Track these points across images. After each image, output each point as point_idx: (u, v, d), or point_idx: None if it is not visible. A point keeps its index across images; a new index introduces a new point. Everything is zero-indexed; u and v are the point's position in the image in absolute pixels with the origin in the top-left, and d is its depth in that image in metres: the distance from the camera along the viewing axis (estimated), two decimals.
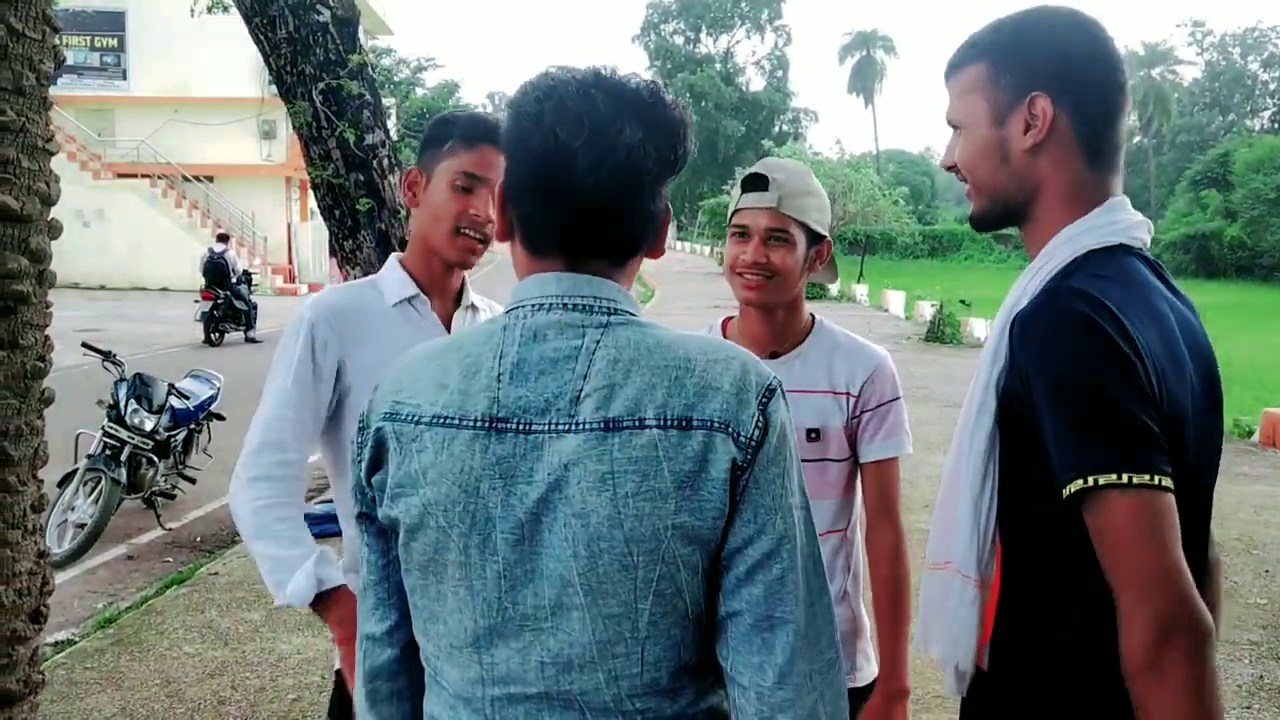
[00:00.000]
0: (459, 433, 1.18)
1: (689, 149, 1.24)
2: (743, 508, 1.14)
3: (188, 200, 30.14)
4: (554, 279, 1.21)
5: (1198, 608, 1.16)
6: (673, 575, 1.13)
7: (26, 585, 2.37)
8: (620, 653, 1.15)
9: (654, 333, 1.20)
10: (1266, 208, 40.50)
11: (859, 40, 79.00)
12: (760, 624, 1.14)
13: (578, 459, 1.13)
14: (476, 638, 1.19)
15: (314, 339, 2.05)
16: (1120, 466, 1.16)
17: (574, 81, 1.19)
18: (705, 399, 1.14)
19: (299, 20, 6.52)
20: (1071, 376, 1.20)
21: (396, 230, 6.79)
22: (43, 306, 2.41)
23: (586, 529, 1.13)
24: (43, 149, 2.37)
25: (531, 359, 1.18)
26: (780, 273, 2.06)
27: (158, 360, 12.73)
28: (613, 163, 1.16)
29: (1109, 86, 1.38)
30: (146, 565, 6.59)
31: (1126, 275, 1.31)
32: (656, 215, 1.24)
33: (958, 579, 1.38)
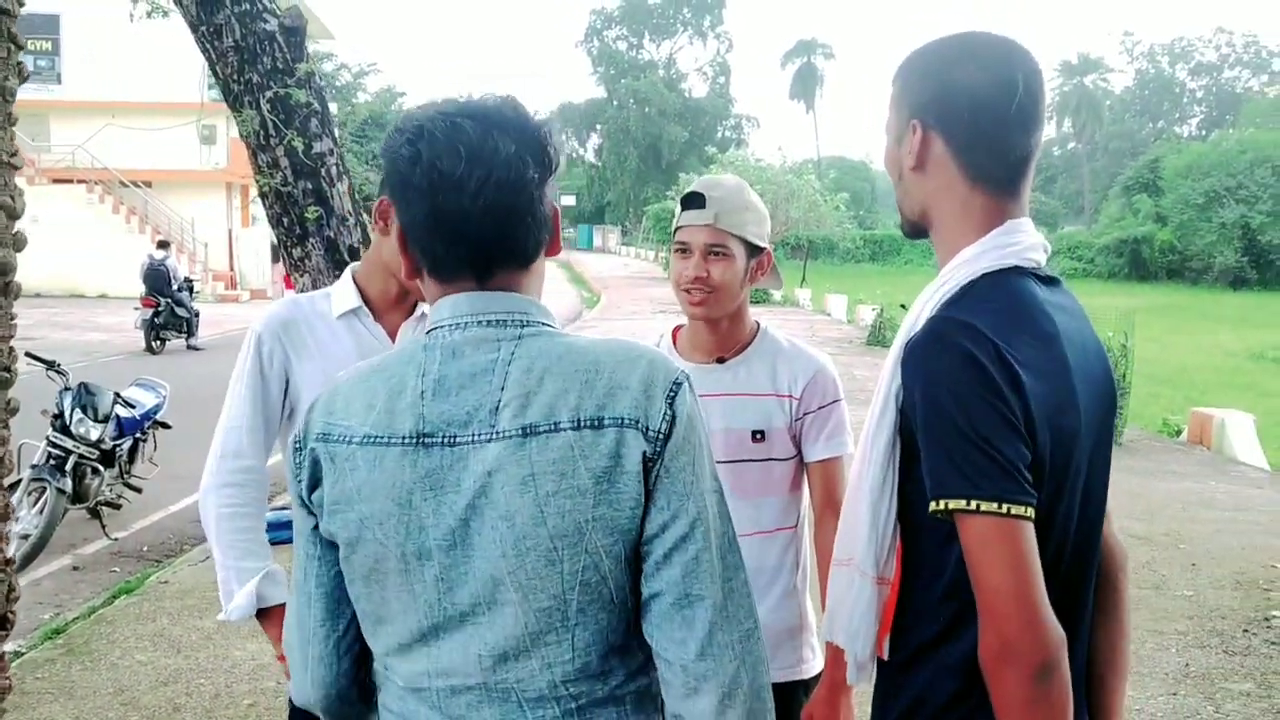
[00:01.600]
0: (388, 449, 1.26)
1: (558, 148, 1.33)
2: (656, 496, 1.24)
3: (125, 206, 29.63)
4: (466, 299, 1.30)
5: (1039, 632, 1.25)
6: (597, 564, 1.23)
7: None
8: (551, 641, 1.25)
9: (565, 340, 1.30)
10: (1195, 212, 41.60)
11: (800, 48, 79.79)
12: (679, 602, 1.23)
13: (500, 465, 1.22)
14: (423, 634, 1.28)
15: (260, 351, 2.17)
16: (970, 494, 1.27)
17: (439, 115, 1.27)
18: (615, 398, 1.24)
19: (245, 29, 6.51)
20: (942, 406, 1.30)
21: (345, 238, 6.81)
22: (7, 318, 2.47)
23: (513, 529, 1.22)
24: (7, 163, 2.42)
25: (451, 375, 1.27)
26: (720, 287, 2.18)
27: (98, 368, 12.57)
28: (497, 178, 1.24)
29: (986, 114, 1.43)
30: (93, 575, 6.54)
31: (1015, 299, 1.40)
32: (547, 217, 1.32)
33: (858, 575, 1.47)
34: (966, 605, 1.35)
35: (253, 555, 2.14)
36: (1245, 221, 40.33)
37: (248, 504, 2.16)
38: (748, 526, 2.18)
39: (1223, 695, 4.47)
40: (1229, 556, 6.49)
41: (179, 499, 8.26)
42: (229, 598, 2.13)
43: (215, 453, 2.19)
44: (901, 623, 1.46)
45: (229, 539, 2.14)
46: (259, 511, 2.17)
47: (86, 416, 6.99)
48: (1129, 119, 76.26)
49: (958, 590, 1.37)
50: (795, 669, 2.25)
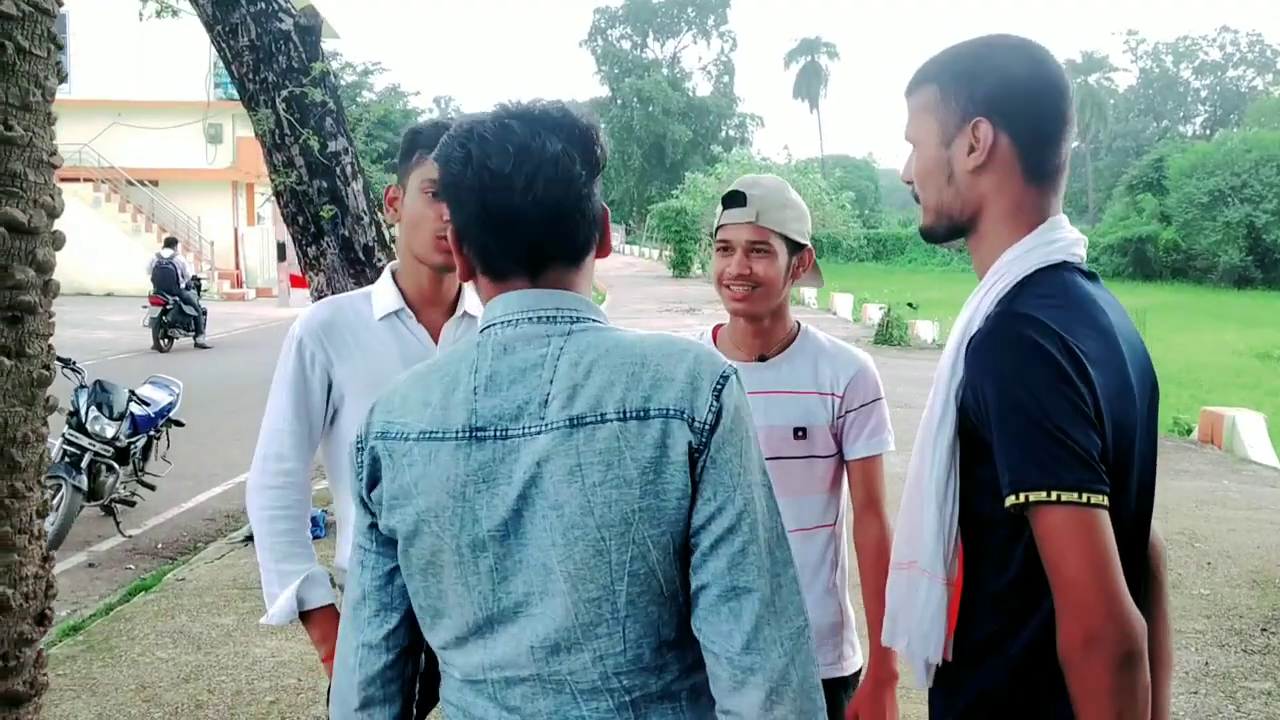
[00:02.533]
0: (443, 445, 1.29)
1: (605, 148, 1.35)
2: (703, 487, 1.24)
3: (132, 204, 29.71)
4: (518, 296, 1.32)
5: (1124, 621, 1.26)
6: (644, 555, 1.24)
7: (33, 589, 2.43)
8: (603, 633, 1.26)
9: (613, 335, 1.31)
10: (1199, 211, 41.50)
11: (804, 46, 79.73)
12: (726, 594, 1.23)
13: (549, 455, 1.25)
14: (478, 626, 1.30)
15: (302, 355, 2.17)
16: (1050, 484, 1.28)
17: (488, 118, 1.31)
18: (660, 390, 1.25)
19: (261, 28, 6.54)
20: (1016, 399, 1.31)
21: (360, 236, 6.84)
22: (47, 316, 2.47)
23: (561, 519, 1.24)
24: (47, 162, 2.42)
25: (503, 371, 1.29)
26: (764, 283, 2.19)
27: (107, 367, 12.58)
28: (545, 176, 1.28)
29: (1050, 113, 1.47)
30: (109, 572, 6.56)
31: (1071, 294, 1.42)
32: (596, 214, 1.35)
33: (924, 578, 1.47)
34: (1031, 598, 1.36)
35: (294, 558, 2.14)
36: (1250, 221, 40.24)
37: (290, 506, 2.16)
38: (789, 524, 2.16)
39: (1243, 694, 4.47)
40: (1244, 555, 6.49)
41: (192, 496, 8.30)
42: (271, 600, 2.14)
43: (259, 454, 2.19)
44: (960, 621, 1.46)
45: (270, 542, 2.15)
46: (301, 514, 2.18)
47: (102, 414, 7.02)
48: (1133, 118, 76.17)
49: (1024, 584, 1.38)
50: (837, 665, 2.26)
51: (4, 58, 2.27)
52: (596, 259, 1.40)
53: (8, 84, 2.30)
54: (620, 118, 67.89)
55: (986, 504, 1.40)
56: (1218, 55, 75.08)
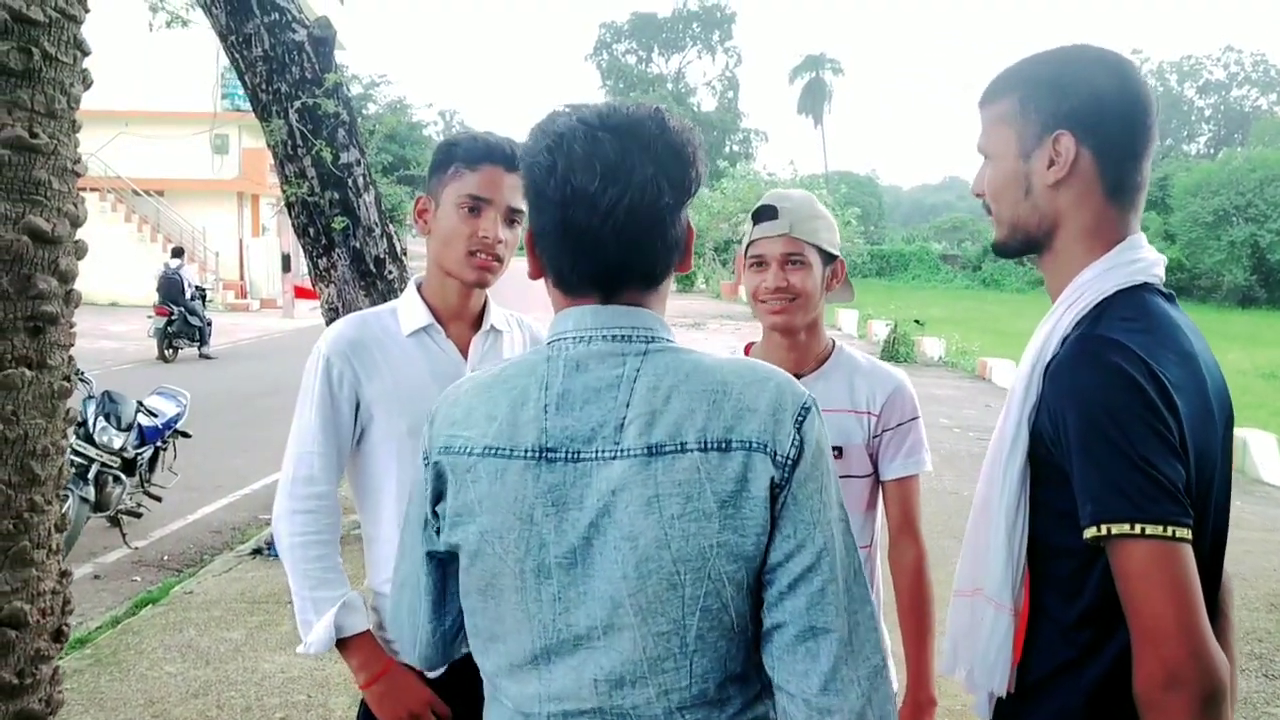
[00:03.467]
0: (511, 463, 1.24)
1: (701, 170, 1.29)
2: (782, 523, 1.20)
3: (137, 215, 29.71)
4: (591, 312, 1.27)
5: (1208, 661, 1.21)
6: (719, 591, 1.19)
7: (50, 604, 2.38)
8: (669, 668, 1.21)
9: (691, 358, 1.26)
10: (1204, 231, 41.51)
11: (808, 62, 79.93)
12: (804, 634, 1.19)
13: (624, 484, 1.19)
14: (534, 656, 1.25)
15: (330, 374, 2.11)
16: (1135, 516, 1.23)
17: (581, 125, 1.24)
18: (743, 421, 1.20)
19: (275, 39, 6.53)
20: (1101, 428, 1.26)
21: (371, 248, 6.81)
22: (68, 327, 2.43)
23: (635, 551, 1.19)
24: (71, 170, 2.39)
25: (575, 389, 1.24)
26: (801, 294, 2.15)
27: (111, 377, 12.55)
28: (629, 202, 1.22)
29: (1134, 128, 1.42)
30: (114, 584, 6.51)
31: (1155, 318, 1.37)
32: (679, 239, 1.30)
33: (990, 607, 1.43)
34: (1103, 631, 1.31)
35: (328, 584, 2.08)
36: (1255, 240, 40.24)
37: (321, 531, 2.10)
38: None
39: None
40: (1261, 578, 6.43)
41: (198, 508, 8.25)
42: (306, 628, 2.07)
43: (286, 477, 2.13)
44: (1025, 651, 1.42)
45: (303, 568, 2.08)
46: (333, 538, 2.12)
47: (110, 425, 6.97)
48: None
49: (1095, 616, 1.33)
50: None
51: (30, 64, 2.24)
52: (678, 273, 1.35)
53: (33, 90, 2.26)
54: None
55: (1056, 531, 1.35)
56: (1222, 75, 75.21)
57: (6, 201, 2.22)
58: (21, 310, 2.26)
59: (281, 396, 14.13)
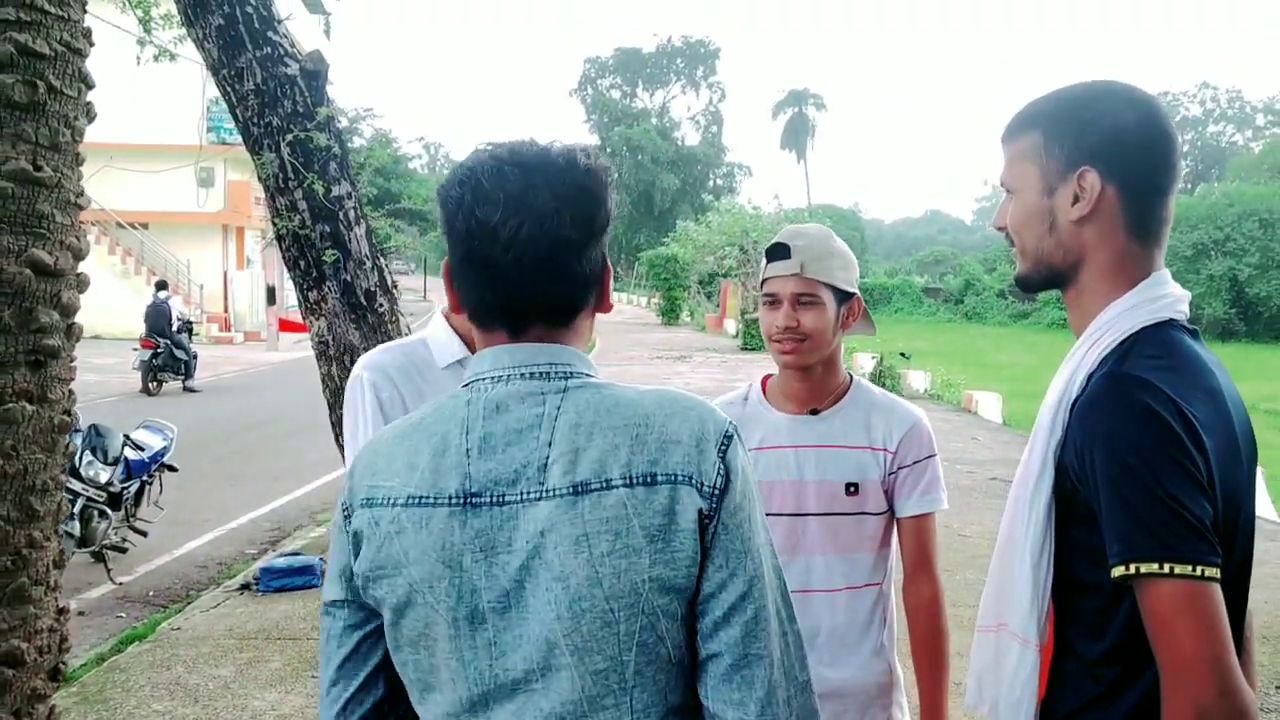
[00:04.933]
0: (435, 510, 1.21)
1: (609, 210, 1.29)
2: (714, 554, 1.19)
3: (121, 247, 29.61)
4: (508, 351, 1.26)
5: (1237, 699, 1.20)
6: (653, 625, 1.18)
7: (47, 642, 2.36)
8: (609, 704, 1.19)
9: (612, 392, 1.25)
10: (1183, 264, 41.86)
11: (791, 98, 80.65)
12: (739, 663, 1.19)
13: (552, 524, 1.18)
14: (472, 704, 1.23)
15: (380, 399, 2.07)
16: (1163, 556, 1.23)
17: (490, 160, 1.25)
18: (667, 453, 1.19)
19: (267, 72, 6.53)
20: (1130, 467, 1.26)
21: (362, 281, 6.79)
22: (69, 360, 2.42)
23: (568, 591, 1.17)
24: (74, 204, 2.39)
25: (497, 431, 1.22)
26: (812, 335, 2.14)
27: (95, 410, 12.44)
28: (528, 234, 1.21)
29: (1159, 164, 1.43)
30: (98, 620, 6.42)
31: (1181, 355, 1.37)
32: (589, 276, 1.28)
33: (1016, 643, 1.42)
34: (1131, 669, 1.30)
35: None
36: (1233, 274, 40.67)
37: None
38: (839, 581, 2.14)
39: None
40: (1254, 611, 6.42)
41: (183, 543, 8.17)
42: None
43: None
44: (1050, 688, 1.41)
45: None
46: None
47: (96, 459, 6.91)
48: None
49: (1122, 653, 1.32)
50: None
51: (35, 97, 2.24)
52: (598, 313, 1.34)
53: (38, 124, 2.26)
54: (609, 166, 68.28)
55: (1082, 568, 1.34)
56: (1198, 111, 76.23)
57: (9, 234, 2.21)
58: (23, 344, 2.25)
59: (266, 430, 14.05)
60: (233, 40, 6.43)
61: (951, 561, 6.78)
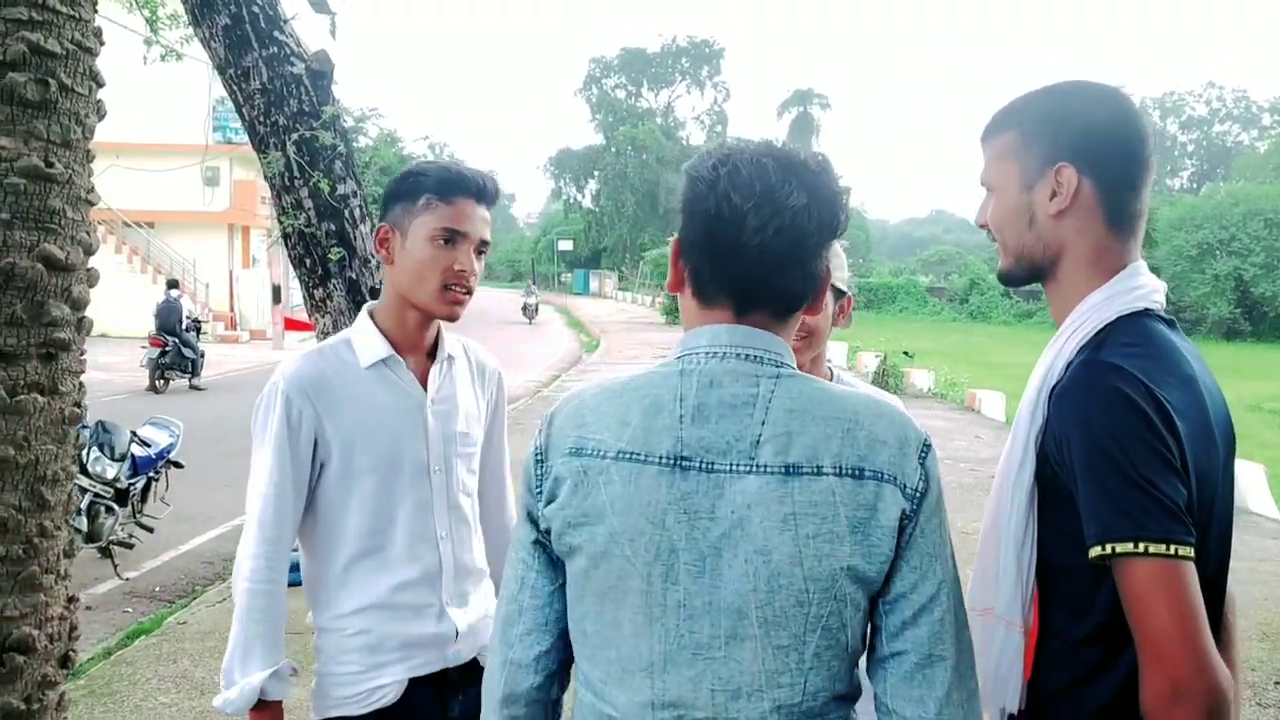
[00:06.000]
0: (645, 467, 1.27)
1: (848, 214, 1.35)
2: (909, 554, 1.26)
3: (128, 246, 29.70)
4: (726, 330, 1.32)
5: (1212, 674, 1.25)
6: (840, 611, 1.25)
7: (57, 630, 2.40)
8: (785, 683, 1.25)
9: (820, 386, 1.31)
10: (1188, 264, 41.85)
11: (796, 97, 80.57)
12: (923, 662, 1.26)
13: (760, 500, 1.24)
14: (651, 663, 1.28)
15: (289, 413, 2.05)
16: (1138, 536, 1.27)
17: (748, 150, 1.32)
18: (875, 451, 1.26)
19: (273, 71, 6.58)
20: (1104, 450, 1.31)
21: (367, 279, 6.83)
22: (79, 353, 2.46)
23: (768, 565, 1.23)
24: (85, 200, 2.43)
25: (711, 403, 1.28)
26: (813, 332, 2.19)
27: (102, 407, 12.47)
28: (779, 224, 1.27)
29: (1133, 159, 1.48)
30: (105, 615, 6.48)
31: (1156, 343, 1.42)
32: (817, 275, 1.34)
33: (1001, 625, 1.46)
34: (1112, 649, 1.34)
35: (265, 640, 2.02)
36: (1238, 274, 40.60)
37: (271, 581, 2.04)
38: None
39: None
40: (1252, 608, 6.47)
41: (189, 539, 8.22)
42: (228, 680, 2.04)
43: (249, 517, 2.07)
44: (1035, 670, 1.45)
45: (246, 617, 2.03)
46: (281, 588, 2.06)
47: (104, 455, 6.96)
48: None
49: (1104, 634, 1.36)
50: None
51: (47, 95, 2.28)
52: (806, 315, 1.39)
53: (49, 121, 2.31)
54: (614, 165, 68.34)
55: (1065, 552, 1.38)
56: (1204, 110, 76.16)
57: (22, 229, 2.25)
58: (35, 337, 2.29)
59: None
60: (239, 40, 6.48)
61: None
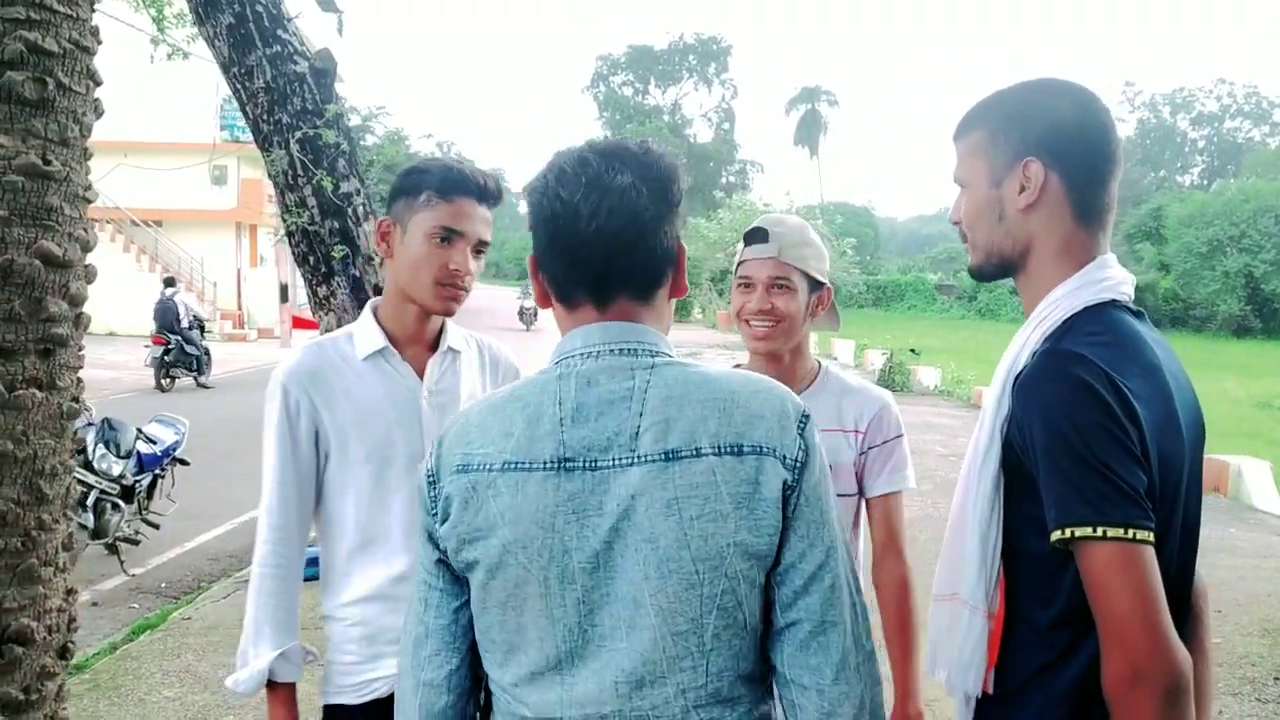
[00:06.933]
0: (530, 475, 1.30)
1: (680, 188, 1.38)
2: (795, 524, 1.28)
3: (136, 245, 29.83)
4: (598, 329, 1.35)
5: (1171, 657, 1.27)
6: (734, 589, 1.26)
7: (56, 621, 2.43)
8: (687, 666, 1.27)
9: (696, 370, 1.34)
10: (1198, 261, 41.72)
11: (804, 94, 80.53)
12: (817, 629, 1.27)
13: (643, 489, 1.26)
14: (558, 661, 1.30)
15: (287, 403, 2.09)
16: (1096, 520, 1.29)
17: (572, 151, 1.37)
18: (753, 427, 1.28)
19: (276, 70, 6.61)
20: (1063, 436, 1.33)
21: (370, 276, 6.86)
22: (77, 349, 2.49)
23: (656, 552, 1.25)
24: (82, 197, 2.46)
25: (589, 402, 1.30)
26: (785, 318, 2.21)
27: (109, 406, 12.55)
28: (609, 205, 1.31)
29: (1098, 152, 1.51)
30: (112, 611, 6.52)
31: (1119, 332, 1.44)
32: (667, 250, 1.37)
33: (966, 610, 1.48)
34: (1078, 634, 1.36)
35: (277, 626, 2.07)
36: (1249, 270, 40.45)
37: (279, 565, 2.09)
38: None
39: None
40: (1255, 603, 6.46)
41: (195, 535, 8.27)
42: (242, 661, 2.08)
43: (260, 507, 2.13)
44: (1004, 655, 1.47)
45: (257, 601, 2.09)
46: (291, 572, 2.11)
47: (109, 452, 7.00)
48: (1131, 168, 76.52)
49: (1070, 619, 1.38)
50: None
51: (44, 94, 2.31)
52: (672, 299, 1.41)
53: (47, 119, 2.33)
54: None
55: (1030, 538, 1.41)
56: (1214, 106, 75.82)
57: (20, 227, 2.28)
58: (33, 333, 2.32)
59: None
60: (243, 39, 6.51)
61: None
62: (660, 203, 1.34)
